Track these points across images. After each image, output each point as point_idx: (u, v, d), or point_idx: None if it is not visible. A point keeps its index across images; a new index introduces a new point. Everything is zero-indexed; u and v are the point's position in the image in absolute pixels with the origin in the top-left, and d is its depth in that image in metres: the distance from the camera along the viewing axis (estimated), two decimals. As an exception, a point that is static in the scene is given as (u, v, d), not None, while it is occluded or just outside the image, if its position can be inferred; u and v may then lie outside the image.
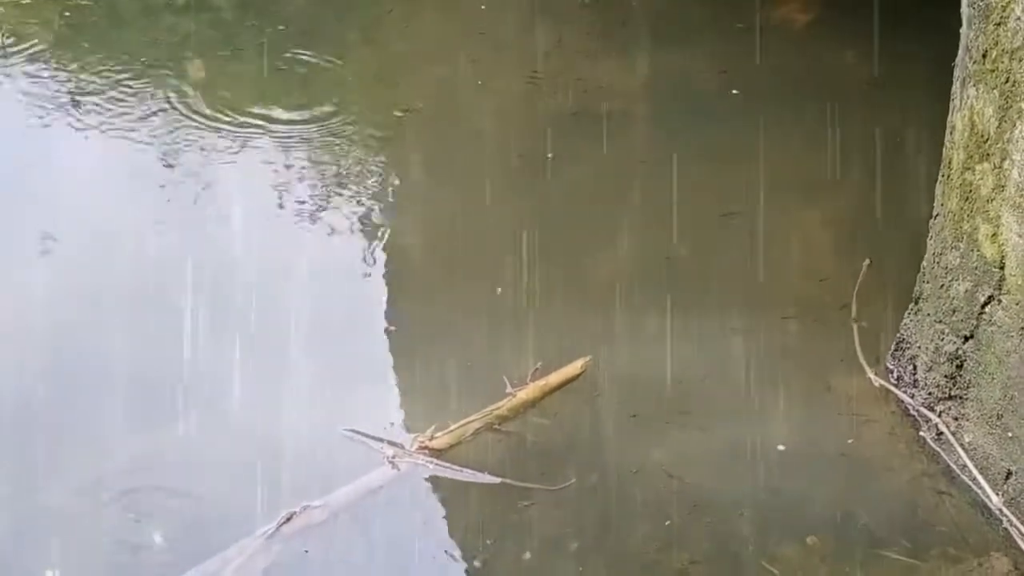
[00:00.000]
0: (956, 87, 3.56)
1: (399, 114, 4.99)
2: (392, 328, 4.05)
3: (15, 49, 5.20)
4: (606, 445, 3.69)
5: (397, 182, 4.70)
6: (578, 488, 3.52)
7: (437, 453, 3.57)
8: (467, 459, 3.56)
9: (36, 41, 5.26)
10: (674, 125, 4.96)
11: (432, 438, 3.59)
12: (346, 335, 4.03)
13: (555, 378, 3.80)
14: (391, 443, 3.59)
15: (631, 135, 4.94)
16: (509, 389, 3.74)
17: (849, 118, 4.93)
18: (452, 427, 3.62)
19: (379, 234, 4.44)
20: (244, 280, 4.17)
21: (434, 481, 3.54)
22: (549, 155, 4.77)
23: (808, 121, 4.97)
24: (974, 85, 3.42)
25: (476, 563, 3.35)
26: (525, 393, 3.75)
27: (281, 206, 4.55)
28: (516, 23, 5.67)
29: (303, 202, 4.56)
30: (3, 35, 5.25)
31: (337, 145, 4.83)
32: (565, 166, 4.75)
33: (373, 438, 3.60)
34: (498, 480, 3.51)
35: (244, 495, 3.42)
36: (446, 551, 3.39)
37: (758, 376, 3.90)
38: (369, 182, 4.68)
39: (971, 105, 3.44)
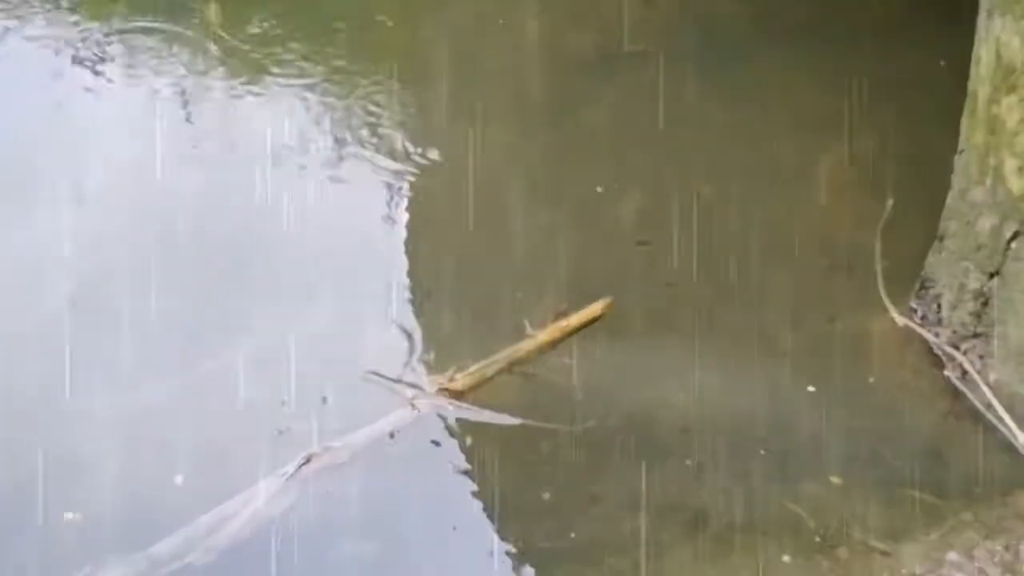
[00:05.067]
0: (981, 18, 3.50)
1: (423, 56, 4.97)
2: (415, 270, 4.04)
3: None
4: (626, 386, 3.67)
5: (419, 125, 4.67)
6: (598, 429, 3.51)
7: (457, 395, 3.55)
8: (487, 401, 3.55)
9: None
10: (697, 64, 4.91)
11: (452, 380, 3.57)
12: (367, 279, 4.01)
13: (575, 320, 3.78)
14: (411, 385, 3.58)
15: (653, 74, 4.89)
16: (529, 331, 3.72)
17: (871, 56, 4.88)
18: (472, 369, 3.60)
19: (400, 178, 4.42)
20: (266, 226, 4.15)
21: (454, 423, 3.52)
22: (569, 97, 4.74)
23: (832, 59, 4.92)
24: (1000, 16, 3.37)
25: (495, 502, 3.34)
26: (545, 335, 3.72)
27: (303, 153, 4.53)
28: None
29: (325, 149, 4.54)
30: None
31: (363, 91, 4.80)
32: (585, 107, 4.72)
33: (394, 380, 3.59)
34: (518, 421, 3.50)
35: (264, 436, 3.42)
36: (466, 491, 3.38)
37: (781, 318, 3.86)
38: (391, 123, 4.66)
39: (997, 36, 3.39)
